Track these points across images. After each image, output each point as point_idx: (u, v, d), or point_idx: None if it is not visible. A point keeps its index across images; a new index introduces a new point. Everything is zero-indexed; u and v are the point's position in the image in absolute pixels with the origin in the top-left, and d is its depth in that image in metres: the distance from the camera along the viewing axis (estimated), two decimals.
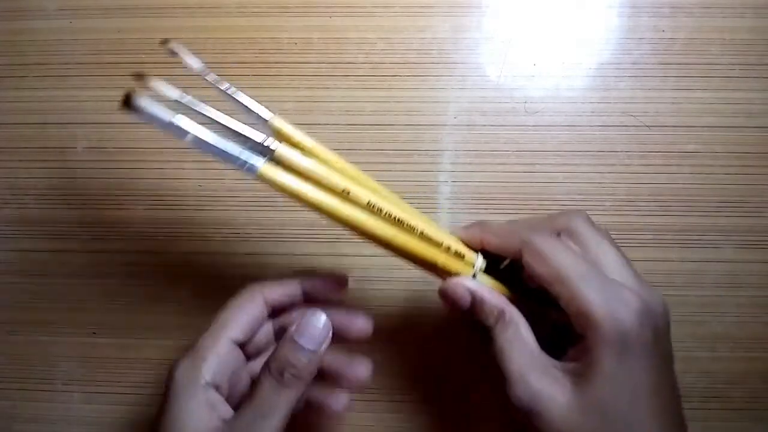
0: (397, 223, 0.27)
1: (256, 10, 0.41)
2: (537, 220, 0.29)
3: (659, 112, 0.40)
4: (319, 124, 0.41)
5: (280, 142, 0.26)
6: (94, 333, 0.40)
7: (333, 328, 0.28)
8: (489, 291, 0.28)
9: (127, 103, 0.23)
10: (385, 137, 0.40)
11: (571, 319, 0.25)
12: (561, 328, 0.27)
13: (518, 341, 0.26)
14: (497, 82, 0.40)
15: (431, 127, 0.40)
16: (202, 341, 0.28)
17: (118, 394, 0.40)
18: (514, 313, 0.27)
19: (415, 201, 0.40)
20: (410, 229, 0.27)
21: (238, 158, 0.25)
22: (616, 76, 0.40)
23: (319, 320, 0.27)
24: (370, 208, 0.26)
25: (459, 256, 0.28)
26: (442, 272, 0.28)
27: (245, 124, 0.26)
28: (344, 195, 0.26)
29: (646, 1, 0.40)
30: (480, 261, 0.29)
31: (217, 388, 0.27)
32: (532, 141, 0.40)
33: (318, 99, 0.41)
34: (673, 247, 0.39)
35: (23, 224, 0.41)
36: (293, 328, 0.27)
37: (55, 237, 0.41)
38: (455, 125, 0.40)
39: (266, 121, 0.27)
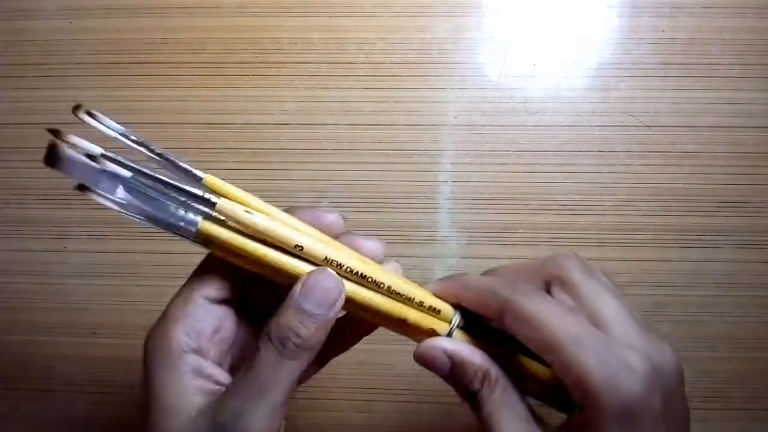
0: (361, 278, 0.24)
1: (256, 10, 0.41)
2: (522, 269, 0.26)
3: (659, 112, 0.40)
4: (319, 124, 0.41)
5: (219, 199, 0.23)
6: (94, 333, 0.40)
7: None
8: (469, 350, 0.24)
9: (51, 155, 0.21)
10: (385, 137, 0.40)
11: (568, 388, 0.22)
12: (557, 392, 0.24)
13: (507, 406, 0.23)
14: (497, 82, 0.40)
15: (431, 127, 0.40)
16: (172, 304, 0.25)
17: (117, 394, 0.40)
18: (500, 374, 0.24)
19: (415, 201, 0.40)
20: (375, 285, 0.24)
21: (171, 218, 0.22)
22: (616, 76, 0.40)
23: (330, 280, 0.23)
24: (328, 264, 0.23)
25: (434, 311, 0.25)
26: (414, 331, 0.25)
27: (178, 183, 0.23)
28: (298, 251, 0.23)
29: (646, 1, 0.40)
30: (457, 318, 0.25)
31: (199, 352, 0.24)
32: (532, 141, 0.40)
33: (318, 99, 0.41)
34: (673, 247, 0.39)
35: (23, 224, 0.41)
36: (298, 288, 0.23)
37: (55, 237, 0.41)
38: (455, 125, 0.40)
39: (200, 179, 0.23)
